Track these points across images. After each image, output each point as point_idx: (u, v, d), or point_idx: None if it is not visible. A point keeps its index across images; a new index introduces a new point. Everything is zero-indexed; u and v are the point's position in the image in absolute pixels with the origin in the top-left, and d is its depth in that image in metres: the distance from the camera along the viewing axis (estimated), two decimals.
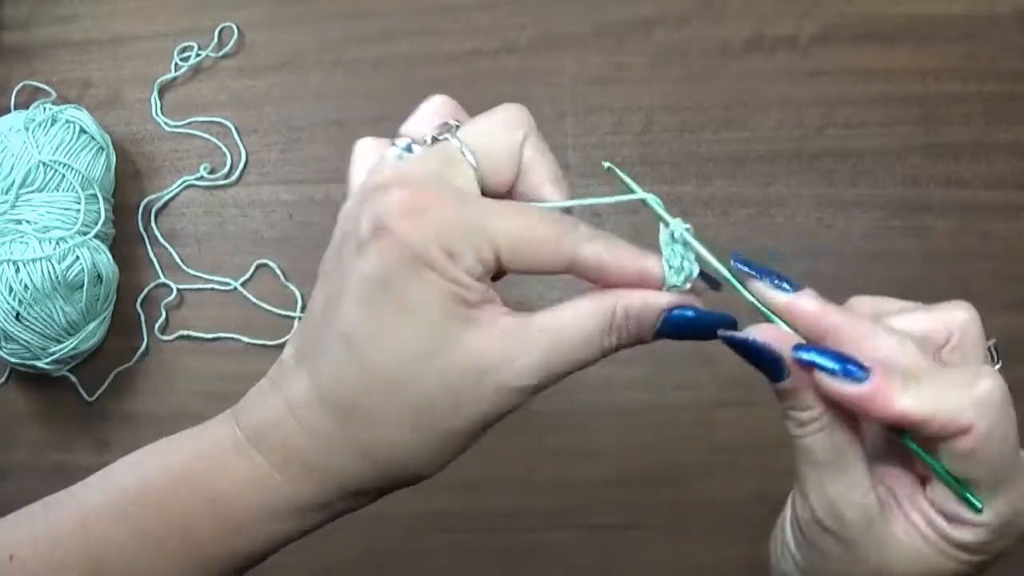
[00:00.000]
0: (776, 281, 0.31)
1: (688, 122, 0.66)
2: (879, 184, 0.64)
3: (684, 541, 0.60)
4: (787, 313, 0.30)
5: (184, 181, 0.67)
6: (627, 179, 0.33)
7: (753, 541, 0.60)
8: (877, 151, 0.64)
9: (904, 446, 0.29)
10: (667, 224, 0.32)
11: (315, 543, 0.65)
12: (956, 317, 0.30)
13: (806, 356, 0.29)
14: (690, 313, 0.31)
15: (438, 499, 0.61)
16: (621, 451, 0.61)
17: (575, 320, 0.30)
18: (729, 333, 0.30)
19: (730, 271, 0.31)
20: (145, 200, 0.67)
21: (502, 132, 0.32)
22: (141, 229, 0.67)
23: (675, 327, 0.31)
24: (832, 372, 0.28)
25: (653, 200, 0.33)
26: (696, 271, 0.32)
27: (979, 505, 0.28)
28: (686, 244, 0.32)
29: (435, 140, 0.32)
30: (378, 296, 0.29)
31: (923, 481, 0.30)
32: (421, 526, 0.61)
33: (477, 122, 0.32)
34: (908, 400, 0.27)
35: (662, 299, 0.31)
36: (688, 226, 0.32)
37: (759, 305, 0.31)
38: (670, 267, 0.31)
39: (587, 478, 0.61)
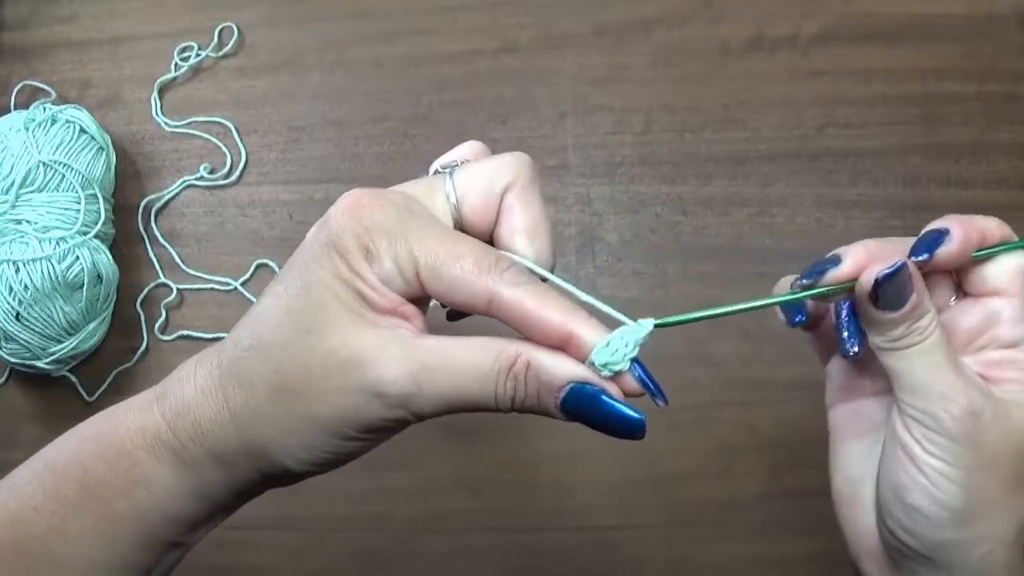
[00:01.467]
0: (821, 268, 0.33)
1: (688, 122, 0.66)
2: (879, 184, 0.64)
3: (684, 541, 0.60)
4: (859, 269, 0.32)
5: (184, 181, 0.67)
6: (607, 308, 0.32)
7: (753, 541, 0.60)
8: (877, 151, 0.64)
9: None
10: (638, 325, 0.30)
11: (313, 544, 0.65)
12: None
13: (923, 256, 0.32)
14: (600, 395, 0.30)
15: (438, 500, 0.61)
16: (621, 452, 0.61)
17: (470, 352, 0.30)
18: (887, 270, 0.32)
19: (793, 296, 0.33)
20: (145, 200, 0.67)
21: (487, 175, 0.32)
22: (141, 229, 0.67)
23: (580, 404, 0.30)
24: (934, 247, 0.32)
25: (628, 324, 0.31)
26: (625, 368, 0.30)
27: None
28: (638, 347, 0.30)
29: (436, 173, 0.33)
30: (290, 273, 0.31)
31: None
32: (420, 526, 0.61)
33: (477, 163, 0.33)
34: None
35: (574, 369, 0.30)
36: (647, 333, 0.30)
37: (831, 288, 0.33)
38: (607, 345, 0.29)
39: (587, 478, 0.61)
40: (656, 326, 0.31)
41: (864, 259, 0.32)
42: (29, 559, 0.32)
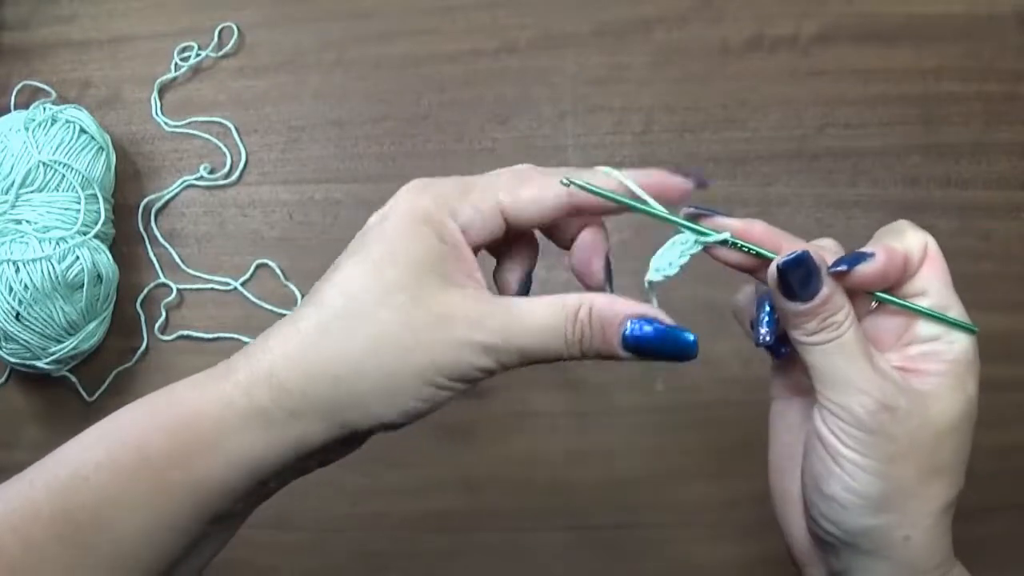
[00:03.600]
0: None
1: (688, 122, 0.66)
2: (879, 184, 0.64)
3: (684, 541, 0.60)
4: (746, 234, 0.36)
5: (184, 181, 0.67)
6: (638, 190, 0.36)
7: (753, 541, 0.60)
8: (877, 151, 0.64)
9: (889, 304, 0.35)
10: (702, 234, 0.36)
11: (313, 543, 0.65)
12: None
13: (842, 267, 0.34)
14: (654, 323, 0.34)
15: (438, 499, 0.61)
16: (621, 451, 0.61)
17: (541, 306, 0.33)
18: (786, 257, 0.34)
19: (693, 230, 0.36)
20: (145, 200, 0.67)
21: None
22: (141, 229, 0.67)
23: (639, 333, 0.34)
24: (855, 263, 0.34)
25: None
26: (672, 274, 0.36)
27: (975, 328, 0.34)
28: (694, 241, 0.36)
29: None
30: (369, 245, 0.33)
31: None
32: (420, 526, 0.61)
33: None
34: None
35: (627, 306, 0.34)
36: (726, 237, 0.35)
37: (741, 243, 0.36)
38: (660, 256, 0.36)
39: (587, 478, 0.61)
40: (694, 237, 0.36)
41: (759, 230, 0.36)
42: (75, 529, 0.32)
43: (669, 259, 0.36)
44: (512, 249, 0.38)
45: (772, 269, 0.34)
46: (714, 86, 0.66)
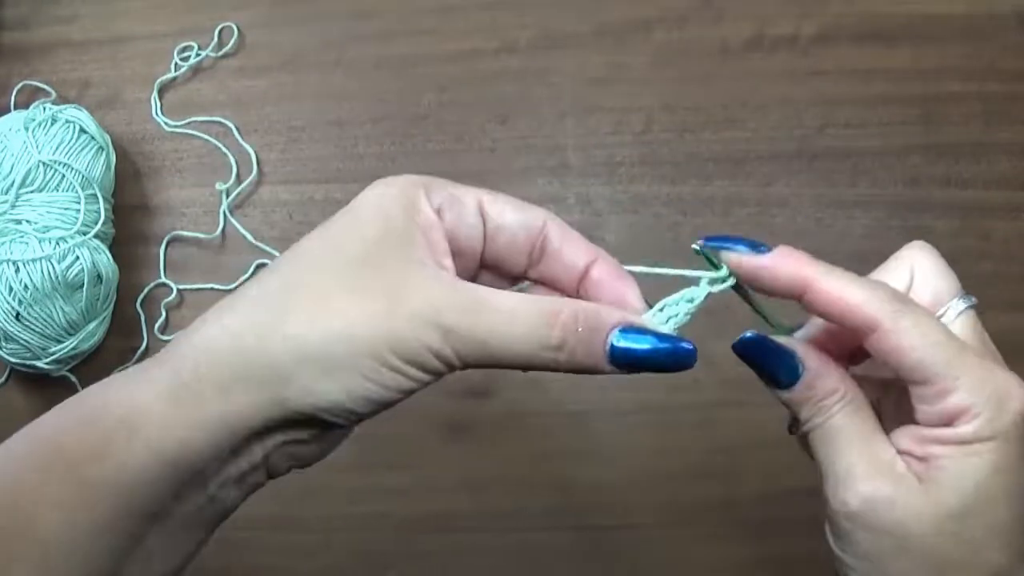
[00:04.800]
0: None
1: (688, 122, 0.66)
2: (879, 184, 0.64)
3: (684, 541, 0.60)
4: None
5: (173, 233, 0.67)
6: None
7: (753, 541, 0.60)
8: (877, 151, 0.64)
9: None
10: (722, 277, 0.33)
11: (313, 543, 0.65)
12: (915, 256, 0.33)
13: (712, 244, 0.32)
14: (646, 335, 0.31)
15: (438, 499, 0.61)
16: (621, 451, 0.61)
17: (516, 300, 0.30)
18: (740, 338, 0.31)
19: (708, 257, 0.33)
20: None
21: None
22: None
23: (628, 350, 0.30)
24: (742, 250, 0.31)
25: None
26: (679, 324, 0.32)
27: (788, 325, 0.32)
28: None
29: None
30: (335, 221, 0.31)
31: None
32: (420, 526, 0.61)
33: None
34: (819, 275, 0.30)
35: (616, 314, 0.31)
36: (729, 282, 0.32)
37: (757, 307, 0.31)
38: (662, 307, 0.32)
39: (587, 478, 0.61)
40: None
41: (787, 266, 0.31)
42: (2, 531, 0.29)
43: (678, 311, 0.32)
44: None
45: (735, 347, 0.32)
46: (714, 86, 0.66)
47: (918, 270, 0.33)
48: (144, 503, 0.29)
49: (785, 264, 0.31)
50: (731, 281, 0.32)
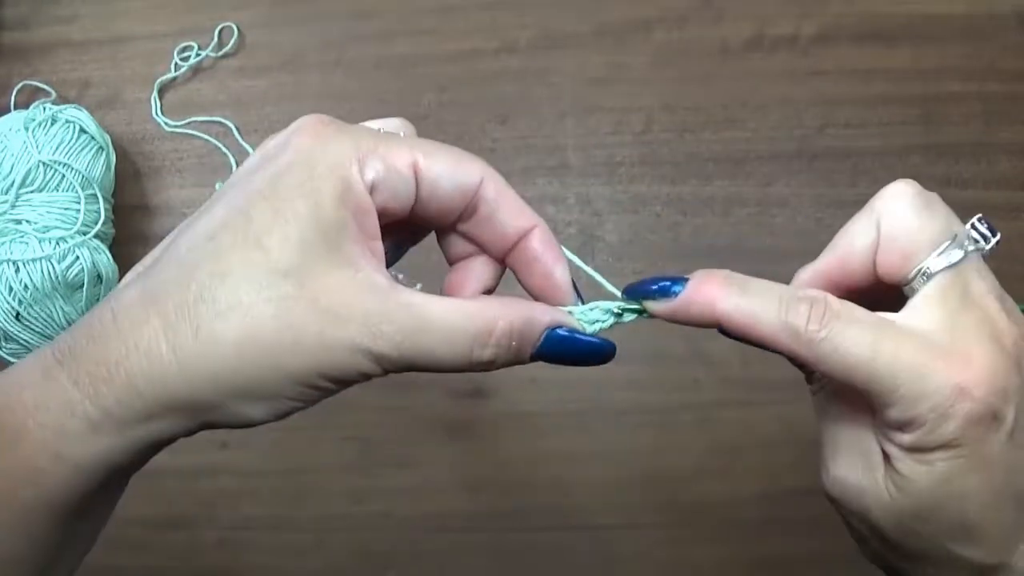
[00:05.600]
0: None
1: (688, 122, 0.66)
2: (879, 184, 0.63)
3: (684, 541, 0.60)
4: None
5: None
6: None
7: (753, 541, 0.60)
8: (877, 151, 0.64)
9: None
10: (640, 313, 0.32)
11: (313, 544, 0.65)
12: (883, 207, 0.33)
13: (630, 295, 0.32)
14: (572, 338, 0.31)
15: (438, 499, 0.61)
16: (621, 451, 0.61)
17: (451, 314, 0.29)
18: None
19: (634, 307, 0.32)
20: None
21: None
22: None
23: (554, 347, 0.31)
24: (656, 297, 0.31)
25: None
26: (603, 329, 0.32)
27: (644, 309, 0.32)
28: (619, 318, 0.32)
29: None
30: (245, 205, 0.28)
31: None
32: (421, 526, 0.61)
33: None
34: (728, 310, 0.30)
35: (546, 316, 0.31)
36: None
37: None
38: (592, 308, 0.32)
39: (587, 478, 0.61)
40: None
41: (699, 309, 0.31)
42: None
43: (606, 320, 0.32)
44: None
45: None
46: (714, 86, 0.66)
47: (884, 224, 0.32)
48: (71, 513, 0.29)
49: (695, 300, 0.31)
50: (645, 314, 0.32)
